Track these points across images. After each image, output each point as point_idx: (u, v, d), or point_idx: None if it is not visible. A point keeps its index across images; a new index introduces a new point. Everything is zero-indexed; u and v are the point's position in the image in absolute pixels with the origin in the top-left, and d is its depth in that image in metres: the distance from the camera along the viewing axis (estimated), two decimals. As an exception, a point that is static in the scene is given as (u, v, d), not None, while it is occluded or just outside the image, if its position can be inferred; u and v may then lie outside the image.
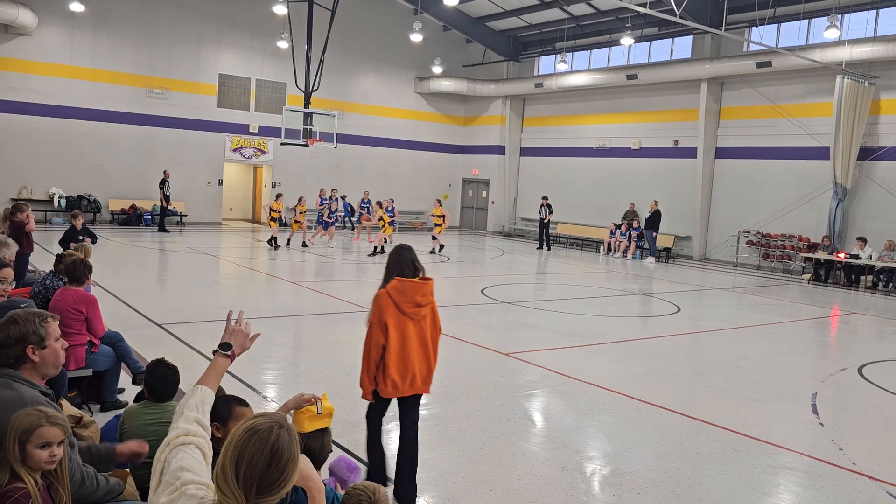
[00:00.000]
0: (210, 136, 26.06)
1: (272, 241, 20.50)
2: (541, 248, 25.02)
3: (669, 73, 23.91)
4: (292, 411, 3.25)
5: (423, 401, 7.40)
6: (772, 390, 8.31)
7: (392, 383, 4.87)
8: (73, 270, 6.33)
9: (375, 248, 20.29)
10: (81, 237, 11.20)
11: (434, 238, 21.63)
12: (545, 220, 25.11)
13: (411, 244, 5.30)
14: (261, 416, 2.05)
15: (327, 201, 21.98)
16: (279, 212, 21.04)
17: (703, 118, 23.15)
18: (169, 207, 23.44)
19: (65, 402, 4.12)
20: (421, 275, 4.97)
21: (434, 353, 5.09)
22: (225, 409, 3.29)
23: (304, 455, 2.25)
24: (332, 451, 3.20)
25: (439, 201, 22.43)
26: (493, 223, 31.37)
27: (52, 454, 2.88)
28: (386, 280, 4.97)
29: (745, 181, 22.70)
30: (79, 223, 11.55)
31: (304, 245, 21.11)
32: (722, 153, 23.37)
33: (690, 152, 23.75)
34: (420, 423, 6.56)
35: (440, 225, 21.66)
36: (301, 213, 21.00)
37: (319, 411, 3.23)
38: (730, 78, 22.84)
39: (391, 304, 4.84)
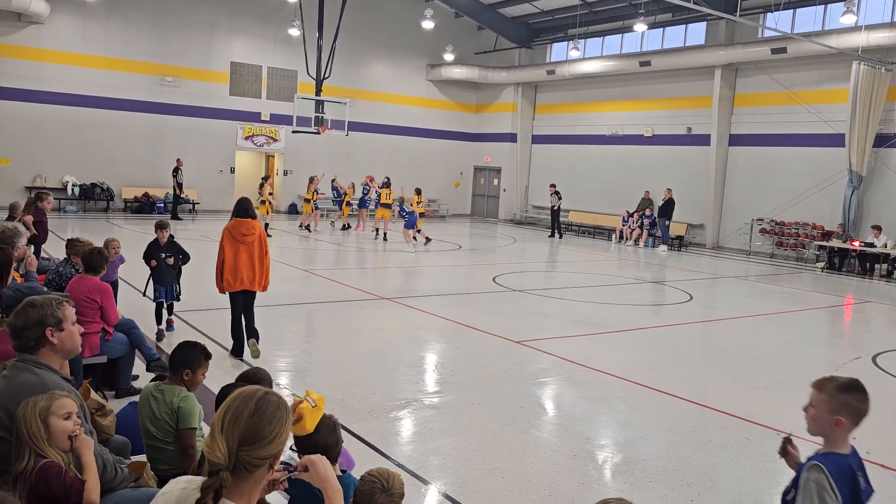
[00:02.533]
0: (222, 123, 26.10)
1: (308, 228, 21.48)
2: (552, 235, 24.95)
3: (683, 60, 23.70)
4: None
5: (435, 388, 7.46)
6: (784, 379, 8.27)
7: (227, 282, 7.70)
8: (91, 260, 6.37)
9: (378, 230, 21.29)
10: (165, 254, 8.60)
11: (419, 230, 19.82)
12: (555, 208, 25.01)
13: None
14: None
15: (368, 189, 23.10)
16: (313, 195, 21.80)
17: (717, 105, 22.94)
18: (182, 195, 23.52)
19: (91, 390, 4.19)
20: (250, 217, 7.76)
21: (260, 265, 7.77)
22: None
23: (323, 456, 2.28)
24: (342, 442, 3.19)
25: (418, 190, 21.05)
26: (504, 211, 31.30)
27: (76, 423, 2.99)
28: (230, 219, 7.84)
29: (758, 169, 22.51)
30: (163, 237, 8.65)
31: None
32: (736, 140, 23.17)
33: (704, 140, 23.56)
34: (432, 411, 6.64)
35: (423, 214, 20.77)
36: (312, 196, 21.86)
37: (313, 405, 3.14)
38: (744, 64, 22.61)
39: (228, 234, 7.71)
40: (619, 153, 26.71)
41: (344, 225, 23.56)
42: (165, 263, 8.62)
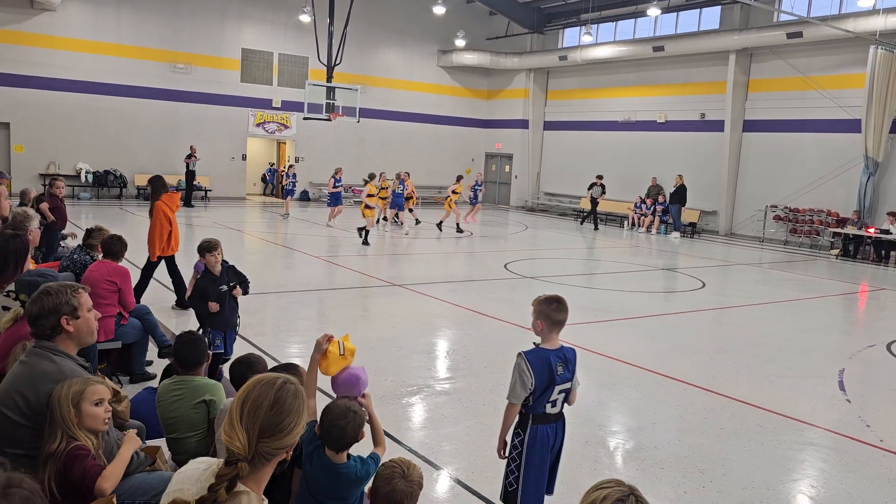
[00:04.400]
0: (233, 110, 26.12)
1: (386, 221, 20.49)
2: (582, 223, 24.97)
3: (697, 45, 23.46)
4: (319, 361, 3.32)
5: (447, 375, 7.49)
6: (798, 366, 8.24)
7: (171, 248, 9.08)
8: (111, 246, 6.46)
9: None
10: (227, 285, 6.22)
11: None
12: (597, 201, 24.31)
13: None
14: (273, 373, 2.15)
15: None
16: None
17: (731, 91, 22.72)
18: (196, 183, 23.54)
19: (105, 377, 4.24)
20: (174, 190, 9.22)
21: (176, 235, 9.13)
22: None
23: None
24: (361, 439, 3.20)
25: (459, 177, 21.38)
26: (516, 198, 31.20)
27: (107, 409, 3.06)
28: (158, 195, 8.95)
29: (773, 155, 22.31)
30: (217, 261, 6.23)
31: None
32: (750, 126, 22.96)
33: (717, 125, 23.37)
34: (443, 397, 6.67)
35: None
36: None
37: (342, 352, 3.30)
38: (759, 49, 22.36)
39: (168, 208, 8.90)
40: (632, 139, 26.53)
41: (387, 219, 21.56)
42: (231, 299, 6.29)
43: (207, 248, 6.15)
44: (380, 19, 28.43)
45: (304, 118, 21.47)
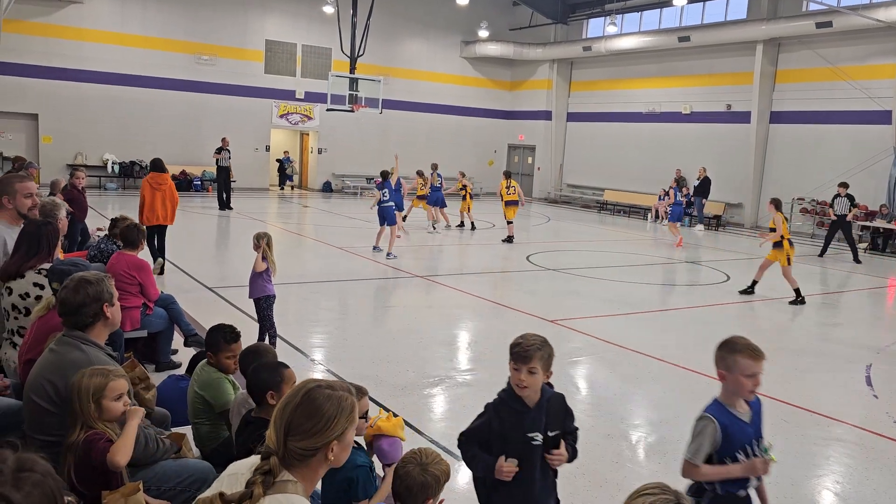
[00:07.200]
0: (257, 102, 26.26)
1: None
2: (823, 253, 17.47)
3: (723, 35, 23.14)
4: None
5: (468, 366, 7.46)
6: (824, 361, 8.13)
7: (146, 218, 10.47)
8: (128, 235, 6.52)
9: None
10: (544, 434, 3.13)
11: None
12: (844, 217, 16.96)
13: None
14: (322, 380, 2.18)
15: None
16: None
17: (758, 81, 22.40)
18: (233, 179, 22.30)
19: (137, 363, 4.32)
20: (163, 171, 10.74)
21: (171, 208, 10.73)
22: (276, 375, 3.43)
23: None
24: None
25: (508, 174, 18.25)
26: (538, 190, 31.07)
27: (126, 403, 3.10)
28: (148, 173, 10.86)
29: (800, 147, 21.98)
30: (524, 382, 3.09)
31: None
32: (777, 118, 22.63)
33: (744, 117, 23.06)
34: (465, 389, 6.65)
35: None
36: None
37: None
38: (787, 39, 22.01)
39: (148, 184, 10.61)
40: (656, 131, 26.28)
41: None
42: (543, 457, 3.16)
43: (519, 356, 3.10)
44: (403, 10, 28.39)
45: (328, 109, 21.54)
